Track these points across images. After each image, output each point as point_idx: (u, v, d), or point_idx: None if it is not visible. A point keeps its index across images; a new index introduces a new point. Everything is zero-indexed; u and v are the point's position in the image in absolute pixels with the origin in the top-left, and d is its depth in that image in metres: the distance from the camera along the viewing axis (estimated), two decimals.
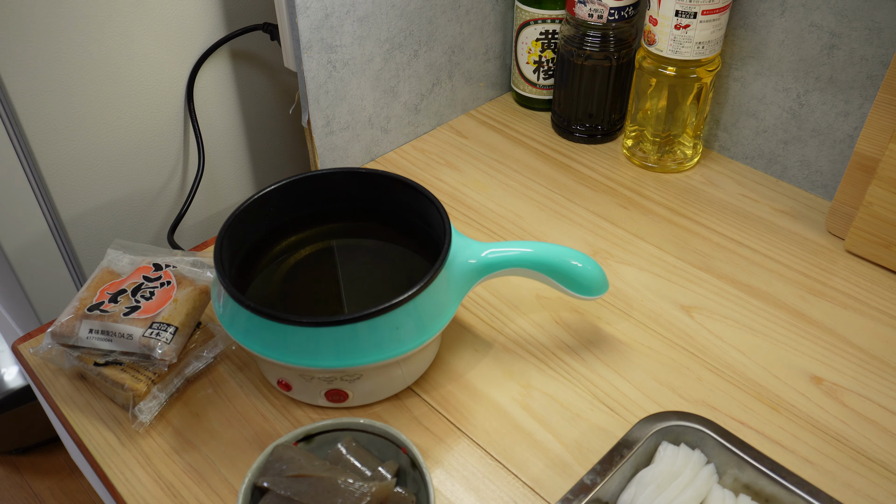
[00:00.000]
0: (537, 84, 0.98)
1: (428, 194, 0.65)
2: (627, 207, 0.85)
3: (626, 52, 0.88)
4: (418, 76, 0.92)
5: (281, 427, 0.62)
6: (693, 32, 0.78)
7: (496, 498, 0.57)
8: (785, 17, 0.79)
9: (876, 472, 0.59)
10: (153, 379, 0.62)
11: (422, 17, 0.88)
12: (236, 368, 0.67)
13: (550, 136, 0.97)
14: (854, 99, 0.78)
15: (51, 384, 0.66)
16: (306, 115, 0.83)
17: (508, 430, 0.62)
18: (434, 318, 0.59)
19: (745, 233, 0.81)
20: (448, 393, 0.65)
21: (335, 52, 0.81)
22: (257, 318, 0.56)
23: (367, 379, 0.60)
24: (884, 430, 0.61)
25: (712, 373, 0.66)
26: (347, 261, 0.68)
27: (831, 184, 0.83)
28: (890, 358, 0.67)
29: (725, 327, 0.70)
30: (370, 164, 0.93)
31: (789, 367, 0.67)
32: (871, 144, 0.73)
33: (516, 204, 0.86)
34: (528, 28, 0.94)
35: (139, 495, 0.58)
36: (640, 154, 0.91)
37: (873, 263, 0.76)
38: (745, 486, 0.54)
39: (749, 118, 0.87)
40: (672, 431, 0.56)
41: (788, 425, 0.62)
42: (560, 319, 0.71)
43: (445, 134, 0.98)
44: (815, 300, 0.73)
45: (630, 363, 0.67)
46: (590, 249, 0.79)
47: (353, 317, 0.55)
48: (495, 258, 0.63)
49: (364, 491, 0.51)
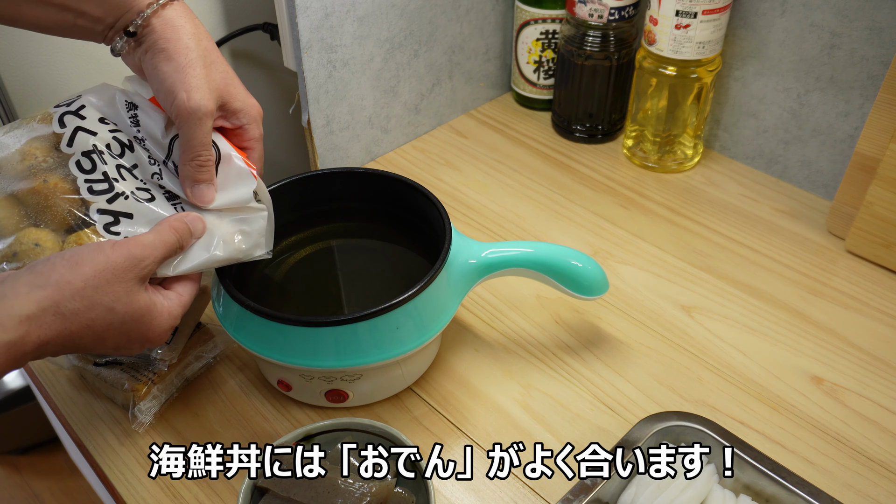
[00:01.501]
0: (537, 84, 0.98)
1: (428, 194, 0.65)
2: (628, 207, 0.85)
3: (627, 52, 0.88)
4: (418, 76, 0.92)
5: (281, 427, 0.62)
6: (693, 32, 0.78)
7: (496, 498, 0.57)
8: (785, 16, 0.79)
9: (876, 472, 0.58)
10: (153, 379, 0.61)
11: (422, 16, 0.87)
12: (236, 369, 0.67)
13: (551, 136, 0.97)
14: (854, 99, 0.78)
15: (51, 384, 0.66)
16: (306, 114, 0.83)
17: (508, 430, 0.62)
18: (434, 318, 0.59)
19: (745, 233, 0.81)
20: (448, 393, 0.65)
21: (335, 52, 0.81)
22: (257, 318, 0.56)
23: (367, 379, 0.60)
24: (884, 430, 0.61)
25: (712, 373, 0.66)
26: (347, 261, 0.68)
27: (832, 184, 0.83)
28: (890, 358, 0.67)
29: (726, 327, 0.70)
30: (370, 164, 0.93)
31: (790, 367, 0.67)
32: (871, 144, 0.73)
33: (516, 204, 0.86)
34: (528, 28, 0.94)
35: (139, 495, 0.58)
36: (640, 154, 0.91)
37: (874, 263, 0.76)
38: (745, 486, 0.54)
39: (749, 118, 0.87)
40: (672, 431, 0.56)
41: (789, 425, 0.62)
42: (560, 319, 0.71)
43: (445, 134, 0.98)
44: (816, 300, 0.73)
45: (630, 363, 0.67)
46: (590, 249, 0.79)
47: (353, 317, 0.55)
48: (495, 258, 0.63)
49: (364, 491, 0.51)
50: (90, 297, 0.45)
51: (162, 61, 0.52)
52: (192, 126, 0.52)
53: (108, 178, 0.53)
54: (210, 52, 0.54)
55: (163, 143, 0.56)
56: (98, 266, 0.46)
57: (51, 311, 0.44)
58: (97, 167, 0.53)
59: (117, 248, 0.47)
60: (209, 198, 0.55)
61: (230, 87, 0.55)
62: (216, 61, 0.54)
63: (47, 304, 0.44)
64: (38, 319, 0.43)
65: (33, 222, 0.52)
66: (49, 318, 0.44)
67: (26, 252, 0.50)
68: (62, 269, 0.45)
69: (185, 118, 0.52)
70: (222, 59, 0.55)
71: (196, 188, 0.55)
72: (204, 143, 0.53)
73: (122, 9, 0.53)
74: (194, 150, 0.53)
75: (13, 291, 0.44)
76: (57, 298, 0.44)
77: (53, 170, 0.52)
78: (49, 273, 0.45)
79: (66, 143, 0.53)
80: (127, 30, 0.53)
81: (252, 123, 0.57)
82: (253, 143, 0.58)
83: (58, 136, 0.53)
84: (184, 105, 0.52)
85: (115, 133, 0.55)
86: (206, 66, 0.53)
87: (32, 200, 0.52)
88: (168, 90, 0.52)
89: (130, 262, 0.47)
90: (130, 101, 0.57)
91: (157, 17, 0.53)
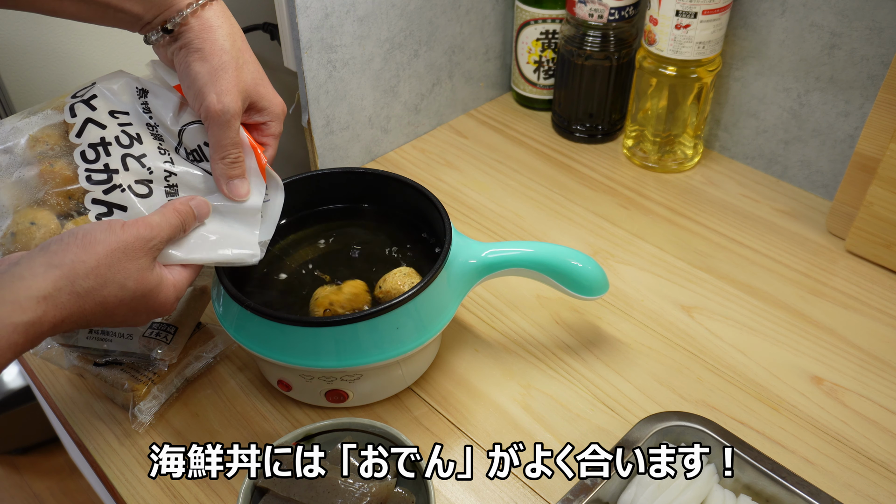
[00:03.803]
0: (537, 84, 0.98)
1: (428, 194, 0.65)
2: (628, 207, 0.85)
3: (627, 52, 0.88)
4: (418, 76, 0.92)
5: (281, 427, 0.62)
6: (693, 32, 0.78)
7: (496, 498, 0.57)
8: (785, 16, 0.79)
9: (876, 472, 0.58)
10: (153, 379, 0.61)
11: (422, 16, 0.88)
12: (236, 369, 0.67)
13: (551, 136, 0.97)
14: (855, 99, 0.78)
15: (51, 384, 0.66)
16: (306, 115, 0.83)
17: (508, 430, 0.62)
18: (434, 318, 0.59)
19: (745, 233, 0.81)
20: (448, 393, 0.65)
21: (335, 52, 0.81)
22: (257, 318, 0.56)
23: (367, 379, 0.60)
24: (884, 430, 0.61)
25: (712, 373, 0.66)
26: (347, 260, 0.68)
27: (832, 184, 0.83)
28: (890, 358, 0.67)
29: (726, 327, 0.70)
30: (370, 164, 0.93)
31: (790, 367, 0.67)
32: (871, 144, 0.73)
33: (516, 204, 0.86)
34: (528, 28, 0.94)
35: (139, 495, 0.58)
36: (640, 154, 0.91)
37: (874, 263, 0.76)
38: (745, 486, 0.54)
39: (749, 118, 0.87)
40: (672, 431, 0.56)
41: (789, 425, 0.62)
42: (560, 319, 0.71)
43: (445, 134, 0.98)
44: (816, 300, 0.73)
45: (630, 363, 0.67)
46: (590, 249, 0.79)
47: (353, 317, 0.55)
48: (495, 258, 0.63)
49: (364, 491, 0.51)
50: (104, 275, 0.47)
51: (196, 61, 0.54)
52: (221, 127, 0.55)
53: (108, 170, 0.54)
54: (243, 53, 0.56)
55: (173, 130, 0.57)
56: (110, 245, 0.47)
57: (66, 290, 0.45)
58: (100, 158, 0.54)
59: (128, 228, 0.49)
60: (244, 191, 0.57)
61: (259, 87, 0.57)
62: (248, 61, 0.56)
63: (63, 283, 0.45)
64: (54, 299, 0.45)
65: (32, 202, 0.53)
66: (65, 297, 0.45)
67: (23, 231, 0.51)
68: (76, 248, 0.46)
69: (214, 120, 0.54)
70: (254, 59, 0.57)
71: (230, 184, 0.57)
72: (234, 143, 0.56)
73: (163, 7, 0.54)
74: (224, 149, 0.55)
75: (30, 272, 0.45)
76: (72, 277, 0.45)
77: (59, 157, 0.54)
78: (63, 253, 0.46)
79: (75, 133, 0.54)
80: (165, 27, 0.54)
81: (275, 121, 0.60)
82: (271, 140, 0.60)
83: (68, 125, 0.55)
84: (213, 107, 0.54)
85: (124, 127, 0.56)
86: (238, 68, 0.55)
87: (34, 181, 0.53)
88: (199, 90, 0.54)
89: (140, 242, 0.49)
90: (142, 88, 0.58)
91: (195, 17, 0.54)
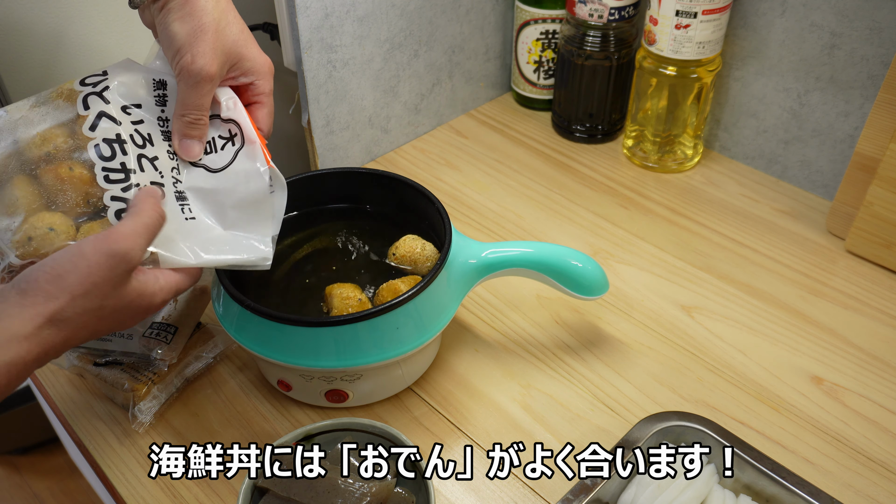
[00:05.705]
0: (537, 84, 0.98)
1: (428, 194, 0.65)
2: (628, 207, 0.85)
3: (627, 52, 0.88)
4: (418, 76, 0.92)
5: (281, 427, 0.62)
6: (693, 32, 0.78)
7: (496, 498, 0.57)
8: (785, 16, 0.79)
9: (876, 472, 0.58)
10: (153, 379, 0.61)
11: (422, 16, 0.87)
12: (236, 369, 0.67)
13: (551, 136, 0.97)
14: (854, 99, 0.78)
15: (51, 384, 0.66)
16: (306, 114, 0.83)
17: (508, 430, 0.62)
18: (434, 318, 0.59)
19: (745, 233, 0.81)
20: (448, 393, 0.65)
21: (335, 52, 0.81)
22: (257, 318, 0.56)
23: (367, 379, 0.60)
24: (884, 430, 0.61)
25: (712, 373, 0.66)
26: (347, 261, 0.68)
27: (832, 184, 0.83)
28: (890, 358, 0.67)
29: (726, 327, 0.70)
30: (370, 164, 0.93)
31: (790, 367, 0.67)
32: (871, 144, 0.73)
33: (516, 204, 0.86)
34: (528, 28, 0.94)
35: (139, 495, 0.58)
36: (640, 154, 0.91)
37: (874, 263, 0.76)
38: (745, 486, 0.54)
39: (749, 118, 0.87)
40: (672, 432, 0.56)
41: (789, 425, 0.62)
42: (560, 319, 0.71)
43: (445, 134, 0.98)
44: (816, 300, 0.73)
45: (630, 363, 0.67)
46: (590, 249, 0.79)
47: (353, 317, 0.55)
48: (495, 258, 0.63)
49: (364, 491, 0.51)
50: (80, 304, 0.46)
51: (176, 20, 0.53)
52: (191, 87, 0.54)
53: (126, 169, 0.53)
54: (226, 14, 0.55)
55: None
56: (81, 274, 0.46)
57: (45, 326, 0.45)
58: (116, 156, 0.53)
59: (98, 249, 0.46)
60: (195, 152, 0.57)
61: (242, 48, 0.57)
62: (232, 22, 0.56)
63: (40, 320, 0.44)
64: (36, 336, 0.44)
65: (47, 204, 0.52)
66: (46, 332, 0.45)
67: (41, 237, 0.50)
68: (46, 284, 0.45)
69: (185, 78, 0.54)
70: (238, 19, 0.57)
71: (183, 142, 0.56)
72: (198, 106, 0.55)
73: None
74: (187, 108, 0.55)
75: (5, 313, 0.44)
76: (48, 313, 0.45)
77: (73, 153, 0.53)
78: (35, 291, 0.45)
79: (88, 127, 0.53)
80: None
81: (262, 79, 0.59)
82: (262, 98, 0.60)
83: (82, 118, 0.54)
84: (187, 66, 0.53)
85: (137, 126, 0.55)
86: (218, 31, 0.54)
87: (49, 182, 0.52)
88: (176, 50, 0.54)
89: (114, 261, 0.47)
90: (159, 80, 0.58)
91: None
